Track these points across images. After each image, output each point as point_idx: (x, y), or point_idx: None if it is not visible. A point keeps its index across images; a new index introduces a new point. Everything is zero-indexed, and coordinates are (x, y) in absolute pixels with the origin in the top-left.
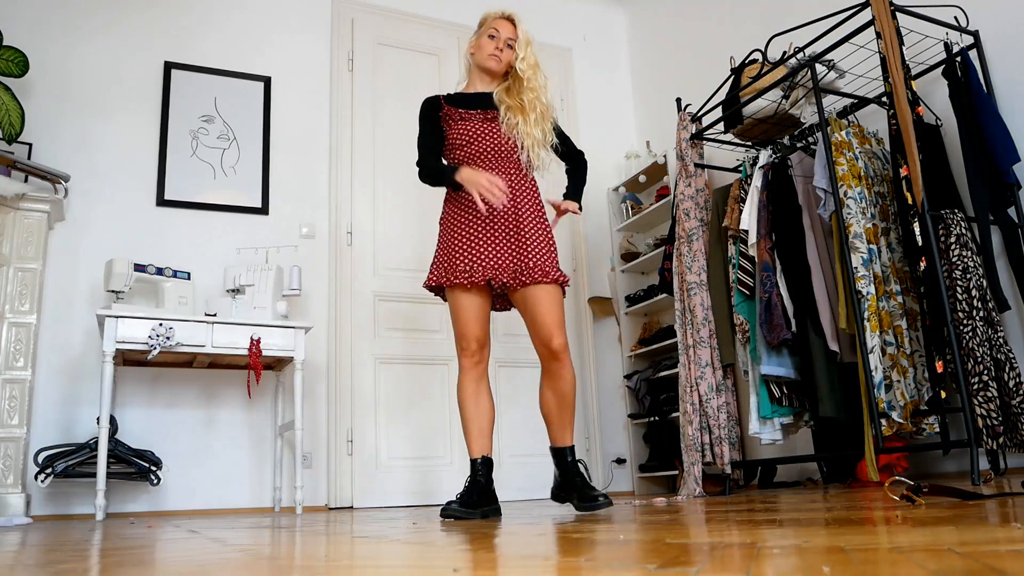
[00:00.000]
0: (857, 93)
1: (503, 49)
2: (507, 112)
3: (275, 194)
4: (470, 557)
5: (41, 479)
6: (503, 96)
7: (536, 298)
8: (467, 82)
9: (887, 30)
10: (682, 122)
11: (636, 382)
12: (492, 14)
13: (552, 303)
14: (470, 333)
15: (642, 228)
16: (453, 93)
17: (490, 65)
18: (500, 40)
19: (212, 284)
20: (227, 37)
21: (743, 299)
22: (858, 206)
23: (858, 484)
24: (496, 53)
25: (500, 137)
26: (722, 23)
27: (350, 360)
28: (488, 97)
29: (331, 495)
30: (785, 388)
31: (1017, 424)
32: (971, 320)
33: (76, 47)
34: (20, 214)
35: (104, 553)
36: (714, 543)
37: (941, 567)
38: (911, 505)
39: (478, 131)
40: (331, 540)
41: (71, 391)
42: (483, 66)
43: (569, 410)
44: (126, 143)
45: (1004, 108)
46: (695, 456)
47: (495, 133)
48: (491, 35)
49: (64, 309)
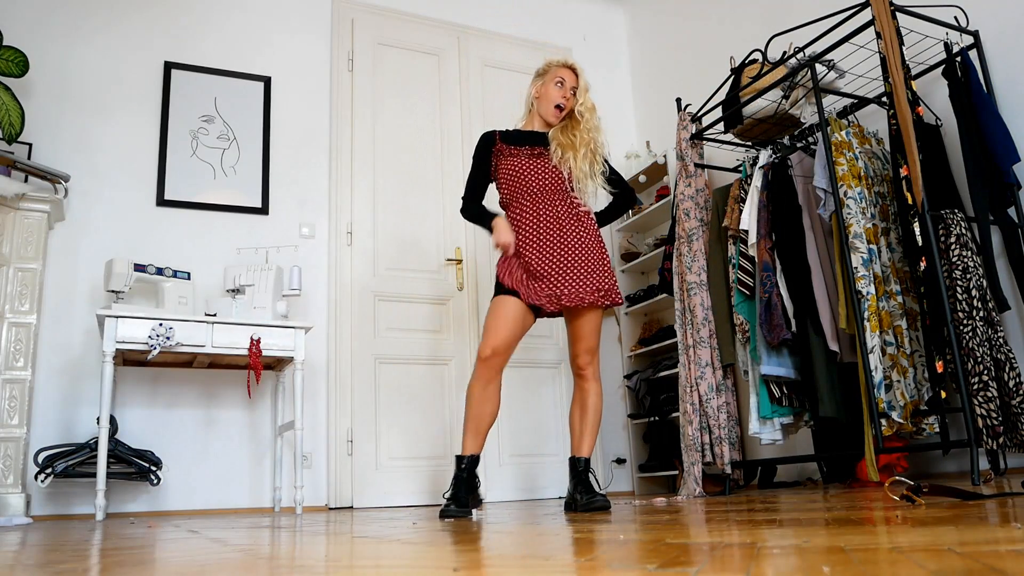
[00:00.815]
0: (857, 93)
1: (569, 98)
2: (558, 147)
3: (275, 194)
4: (470, 557)
5: (41, 479)
6: (556, 133)
7: (585, 321)
8: (526, 121)
9: (887, 30)
10: (682, 122)
11: (636, 382)
12: (555, 62)
13: (595, 328)
14: (494, 337)
15: (642, 228)
16: (511, 130)
17: (553, 116)
18: (566, 88)
19: (212, 284)
20: (227, 37)
21: (743, 299)
22: (858, 206)
23: (858, 484)
24: (563, 102)
25: (547, 172)
26: (722, 23)
27: (350, 360)
28: (540, 136)
29: (331, 495)
30: (785, 388)
31: (1017, 424)
32: (971, 320)
33: (76, 47)
34: (20, 214)
35: (104, 553)
36: (714, 543)
37: (941, 567)
38: (911, 505)
39: (524, 167)
40: (331, 540)
41: (71, 391)
42: (546, 116)
43: (591, 424)
44: (126, 143)
45: (1004, 108)
46: (695, 456)
47: (540, 168)
48: (558, 82)
49: (64, 309)
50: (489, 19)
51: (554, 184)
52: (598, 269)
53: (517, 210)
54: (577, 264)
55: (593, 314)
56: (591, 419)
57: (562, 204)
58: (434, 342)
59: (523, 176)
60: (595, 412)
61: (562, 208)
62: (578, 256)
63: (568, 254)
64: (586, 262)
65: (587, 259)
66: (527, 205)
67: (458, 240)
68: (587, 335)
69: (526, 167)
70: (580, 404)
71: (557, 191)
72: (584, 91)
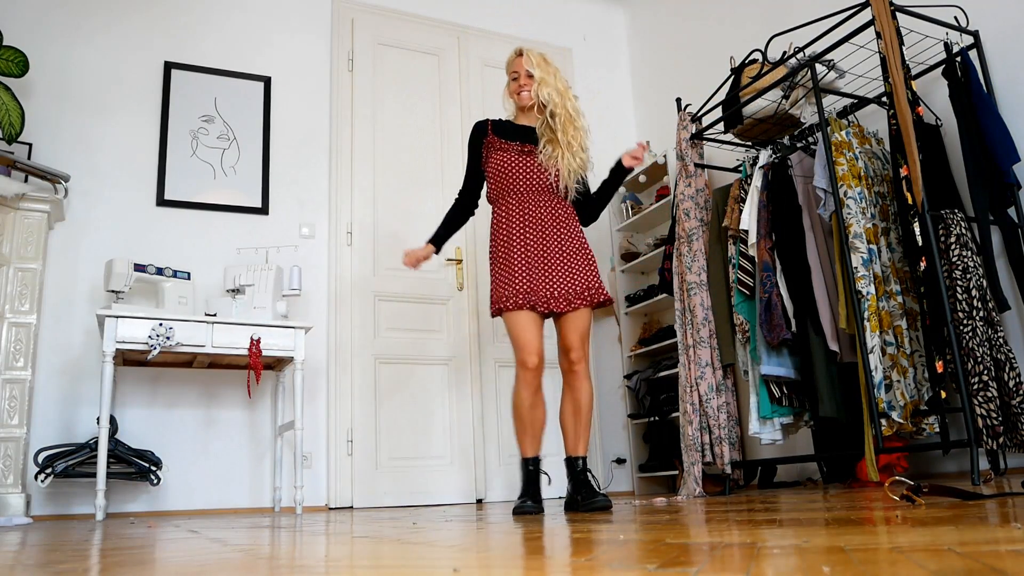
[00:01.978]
0: (857, 93)
1: (525, 83)
2: (546, 145)
3: (275, 194)
4: (470, 557)
5: (41, 479)
6: (544, 130)
7: (573, 321)
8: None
9: (887, 30)
10: (682, 122)
11: (636, 382)
12: (509, 59)
13: (584, 320)
14: (530, 346)
15: (642, 228)
16: (503, 120)
17: (522, 101)
18: (521, 78)
19: (212, 284)
20: (227, 37)
21: (743, 299)
22: (858, 206)
23: (858, 484)
24: (523, 92)
25: (534, 171)
26: (722, 23)
27: (350, 360)
28: (528, 131)
29: (331, 495)
30: (785, 388)
31: (1017, 424)
32: (971, 320)
33: (76, 47)
34: (20, 214)
35: (104, 553)
36: (714, 543)
37: (941, 567)
38: (911, 505)
39: (512, 164)
40: (331, 540)
41: (71, 391)
42: (518, 105)
43: (585, 423)
44: (126, 143)
45: (1004, 108)
46: (695, 456)
47: (528, 166)
48: (514, 77)
49: (64, 309)
50: (489, 19)
51: (540, 183)
52: (583, 270)
53: (504, 209)
54: (563, 267)
55: (582, 313)
56: (585, 418)
57: (546, 205)
58: (434, 342)
59: (511, 173)
60: (588, 411)
61: (546, 209)
62: (563, 258)
63: (553, 258)
64: (571, 264)
65: (571, 261)
66: (513, 204)
67: (458, 240)
68: (578, 334)
69: (514, 164)
70: (572, 403)
71: (543, 191)
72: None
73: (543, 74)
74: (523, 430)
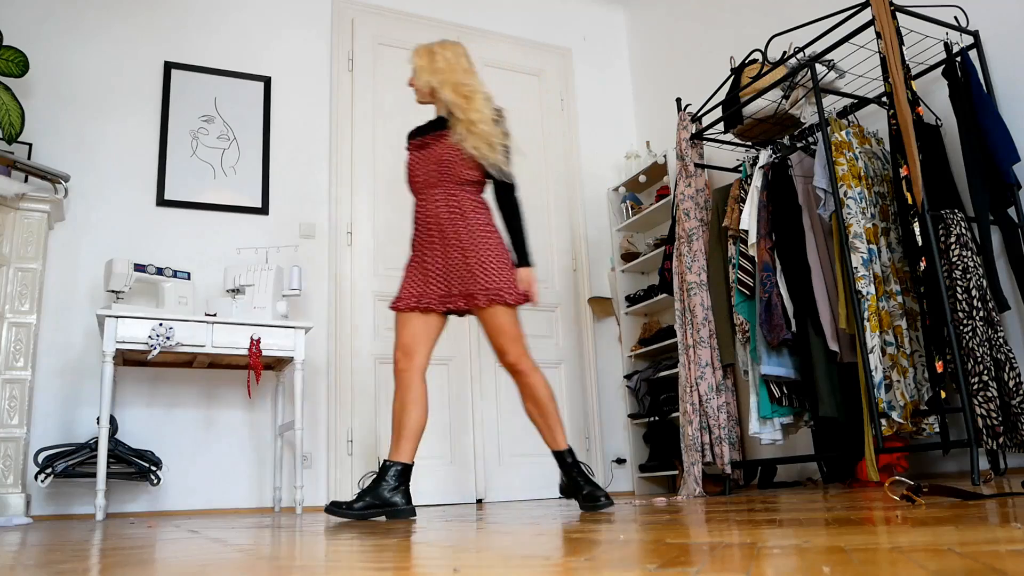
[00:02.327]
0: (857, 93)
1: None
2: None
3: (275, 194)
4: (470, 557)
5: (41, 479)
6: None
7: (485, 321)
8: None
9: (887, 30)
10: (682, 122)
11: (636, 382)
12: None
13: (502, 322)
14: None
15: (642, 228)
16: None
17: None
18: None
19: (212, 284)
20: (227, 37)
21: (743, 299)
22: (858, 206)
23: (858, 484)
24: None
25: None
26: (722, 23)
27: (350, 360)
28: (437, 122)
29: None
30: (785, 388)
31: (1017, 424)
32: (971, 320)
33: (76, 47)
34: (20, 214)
35: (104, 553)
36: (714, 543)
37: (941, 567)
38: (911, 505)
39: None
40: (331, 540)
41: (71, 391)
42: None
43: (551, 415)
44: (126, 143)
45: (1004, 108)
46: (695, 456)
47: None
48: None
49: (64, 309)
50: (489, 19)
51: (438, 174)
52: (480, 269)
53: (415, 207)
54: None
55: (494, 312)
56: (550, 410)
57: (442, 199)
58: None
59: (410, 171)
60: (550, 402)
61: (442, 202)
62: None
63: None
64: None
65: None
66: (416, 202)
67: None
68: (498, 334)
69: (412, 161)
70: (531, 401)
71: (439, 183)
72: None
73: (418, 61)
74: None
